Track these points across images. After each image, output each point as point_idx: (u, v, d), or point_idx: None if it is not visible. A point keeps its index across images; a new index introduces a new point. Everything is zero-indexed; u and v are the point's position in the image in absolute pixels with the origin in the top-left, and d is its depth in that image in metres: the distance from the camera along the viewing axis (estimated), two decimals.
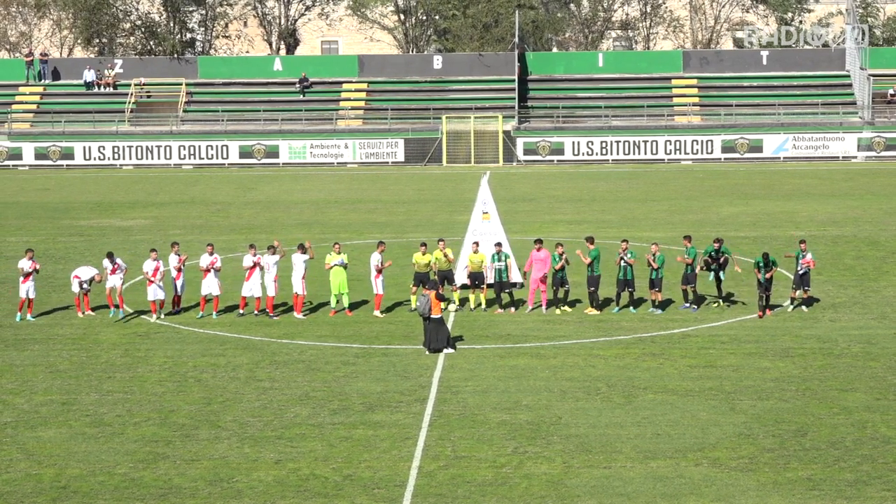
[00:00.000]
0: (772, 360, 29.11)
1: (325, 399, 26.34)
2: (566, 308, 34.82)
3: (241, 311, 34.74)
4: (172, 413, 25.48)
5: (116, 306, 34.71)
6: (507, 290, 35.28)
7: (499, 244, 35.75)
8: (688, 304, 34.96)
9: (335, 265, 34.56)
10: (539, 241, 35.37)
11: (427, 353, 30.18)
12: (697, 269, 34.57)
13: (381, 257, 34.85)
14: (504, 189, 63.31)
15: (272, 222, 54.66)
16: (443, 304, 30.57)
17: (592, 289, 34.59)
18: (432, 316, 30.14)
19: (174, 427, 24.52)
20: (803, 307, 34.25)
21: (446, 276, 35.24)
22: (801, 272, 34.43)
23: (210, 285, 34.69)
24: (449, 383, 27.46)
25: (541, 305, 34.96)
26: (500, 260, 35.24)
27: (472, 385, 27.29)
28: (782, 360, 29.19)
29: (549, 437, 23.57)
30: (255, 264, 34.48)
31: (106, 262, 34.88)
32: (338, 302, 34.96)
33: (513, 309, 34.98)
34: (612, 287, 35.31)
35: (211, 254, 34.87)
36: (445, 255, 35.33)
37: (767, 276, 33.33)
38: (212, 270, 34.62)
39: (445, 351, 30.05)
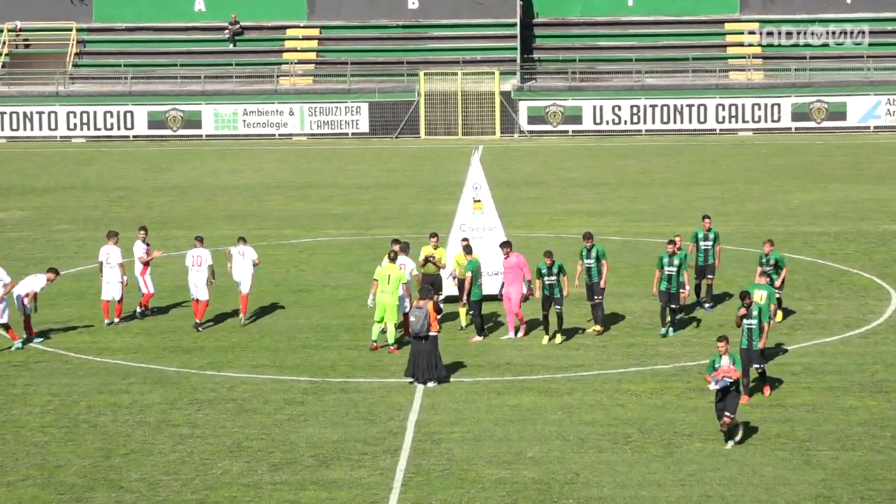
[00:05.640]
0: (859, 398, 29.15)
1: (264, 450, 26.32)
2: (559, 337, 34.36)
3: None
4: (59, 469, 25.41)
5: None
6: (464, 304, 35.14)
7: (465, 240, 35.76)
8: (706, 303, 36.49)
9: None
10: (507, 245, 35.03)
11: (411, 383, 30.17)
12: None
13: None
14: (502, 170, 63.39)
15: (192, 214, 54.58)
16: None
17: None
18: (430, 334, 30.24)
19: (61, 488, 24.46)
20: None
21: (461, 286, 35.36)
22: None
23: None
24: (429, 429, 27.46)
25: (519, 328, 34.73)
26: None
27: (460, 431, 27.29)
28: (873, 396, 29.24)
29: (562, 501, 23.60)
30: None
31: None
32: (382, 332, 33.63)
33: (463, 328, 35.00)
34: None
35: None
36: (431, 257, 35.46)
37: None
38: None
39: (430, 384, 30.03)
